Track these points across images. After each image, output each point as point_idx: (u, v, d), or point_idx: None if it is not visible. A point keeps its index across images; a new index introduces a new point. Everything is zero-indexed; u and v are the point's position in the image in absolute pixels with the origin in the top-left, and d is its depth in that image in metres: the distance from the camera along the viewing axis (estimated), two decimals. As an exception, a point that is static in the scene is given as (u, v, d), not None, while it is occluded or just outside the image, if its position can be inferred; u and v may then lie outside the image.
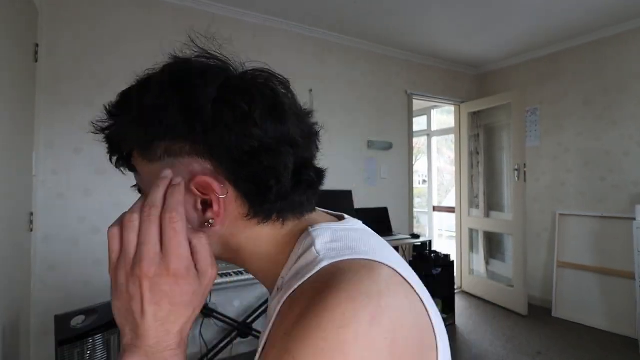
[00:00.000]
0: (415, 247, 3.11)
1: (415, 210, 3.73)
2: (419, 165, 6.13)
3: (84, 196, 2.13)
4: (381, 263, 0.33)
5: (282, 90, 0.40)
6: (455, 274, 3.35)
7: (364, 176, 3.19)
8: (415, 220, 4.29)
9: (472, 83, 4.05)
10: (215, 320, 2.34)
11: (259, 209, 0.38)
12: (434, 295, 2.89)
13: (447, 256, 3.11)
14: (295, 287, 0.33)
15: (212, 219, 0.37)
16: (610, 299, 2.88)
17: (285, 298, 0.34)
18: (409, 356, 0.29)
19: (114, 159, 0.42)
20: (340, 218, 0.44)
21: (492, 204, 3.85)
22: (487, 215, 3.82)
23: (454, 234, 4.12)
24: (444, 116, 5.19)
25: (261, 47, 2.74)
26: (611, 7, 2.66)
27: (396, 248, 3.03)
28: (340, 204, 2.88)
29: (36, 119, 2.00)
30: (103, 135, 0.41)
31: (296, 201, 0.39)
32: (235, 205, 0.37)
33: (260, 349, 0.35)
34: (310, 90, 2.90)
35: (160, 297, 0.33)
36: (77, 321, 1.58)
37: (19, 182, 1.73)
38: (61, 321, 1.51)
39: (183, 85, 0.36)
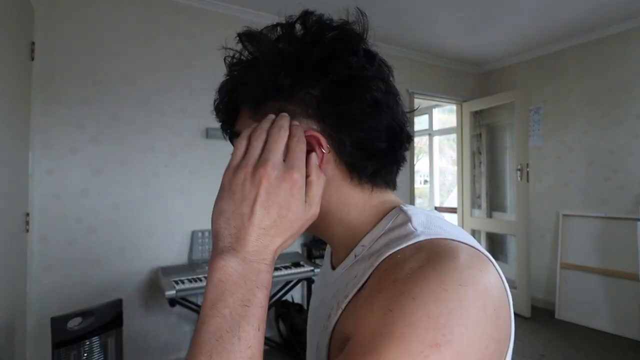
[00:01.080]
0: (416, 248, 3.10)
1: (416, 210, 3.72)
2: (420, 165, 6.12)
3: (81, 196, 2.13)
4: (477, 249, 0.36)
5: (387, 70, 0.44)
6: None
7: (365, 176, 3.19)
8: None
9: (474, 81, 4.05)
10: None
11: (355, 170, 0.41)
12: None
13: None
14: (390, 252, 0.36)
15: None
16: (614, 300, 2.88)
17: (378, 262, 0.36)
18: (504, 332, 0.32)
19: (224, 115, 0.45)
20: None
21: (495, 205, 3.85)
22: (489, 215, 3.82)
23: (456, 235, 4.11)
24: (445, 115, 5.18)
25: (260, 45, 2.74)
26: (616, 4, 2.65)
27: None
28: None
29: (32, 118, 2.00)
30: (226, 80, 0.44)
31: (387, 167, 0.43)
32: (332, 165, 0.40)
33: (338, 310, 0.37)
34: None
35: (272, 202, 0.34)
36: (74, 323, 1.58)
37: (14, 183, 1.73)
38: (57, 323, 1.51)
39: (324, 47, 0.40)
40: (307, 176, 0.37)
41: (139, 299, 2.27)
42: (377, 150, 0.41)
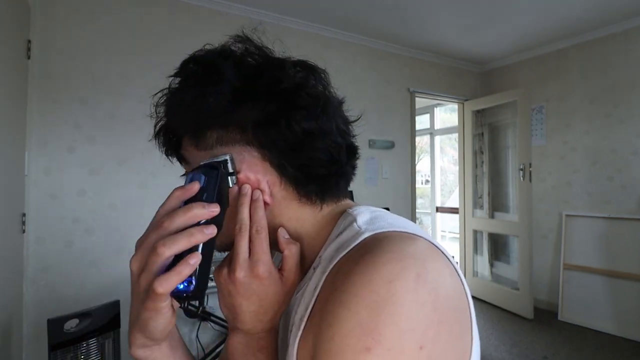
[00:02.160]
0: (417, 248, 3.10)
1: (417, 211, 3.73)
2: (422, 165, 6.13)
3: (78, 196, 2.13)
4: (420, 236, 0.37)
5: (323, 84, 0.45)
6: (458, 277, 3.35)
7: (365, 176, 3.20)
8: (417, 222, 4.29)
9: (476, 80, 4.05)
10: (212, 324, 2.34)
11: (302, 191, 0.44)
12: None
13: (450, 258, 3.11)
14: (340, 257, 0.38)
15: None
16: (618, 302, 2.88)
17: (330, 268, 0.39)
18: (450, 313, 0.33)
19: (163, 147, 0.48)
20: None
21: (497, 205, 3.85)
22: (491, 216, 3.82)
23: (458, 236, 4.12)
24: (447, 114, 5.19)
25: (270, 40, 2.74)
26: (620, 2, 2.66)
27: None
28: (340, 204, 2.89)
29: (28, 117, 2.00)
30: (156, 116, 0.46)
31: (333, 184, 0.46)
32: (279, 188, 0.44)
33: (300, 324, 0.39)
34: (310, 88, 2.90)
35: (250, 293, 0.41)
36: (71, 325, 1.58)
37: (10, 182, 1.73)
38: (54, 325, 1.51)
39: (241, 74, 0.42)
40: (281, 251, 0.43)
41: (137, 301, 2.27)
42: (318, 174, 0.43)
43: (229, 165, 0.41)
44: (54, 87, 2.08)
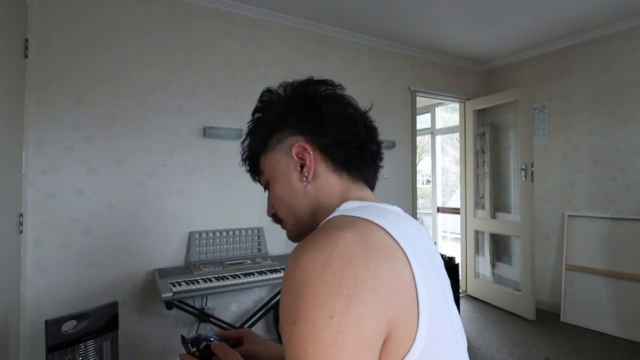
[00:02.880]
0: (418, 249, 3.10)
1: (418, 211, 3.73)
2: (423, 165, 6.12)
3: (76, 197, 2.13)
4: (377, 224, 0.46)
5: (353, 103, 0.66)
6: (460, 278, 3.35)
7: (366, 176, 3.19)
8: (419, 222, 4.29)
9: (477, 79, 4.05)
10: (211, 325, 2.34)
11: (332, 157, 0.58)
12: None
13: (451, 259, 3.11)
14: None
15: (307, 173, 0.58)
16: (621, 303, 2.88)
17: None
18: (362, 290, 0.40)
19: (253, 173, 0.67)
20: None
21: (499, 205, 3.85)
22: (493, 216, 3.82)
23: (459, 236, 4.12)
24: (448, 114, 5.19)
25: (258, 43, 2.74)
26: (623, 0, 2.65)
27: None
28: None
29: (26, 116, 2.00)
30: (242, 152, 0.67)
31: (358, 157, 0.60)
32: (321, 160, 0.58)
33: None
34: (310, 87, 2.90)
35: None
36: (69, 326, 1.58)
37: (7, 182, 1.73)
38: (52, 326, 1.51)
39: (302, 100, 0.62)
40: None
41: (135, 302, 2.27)
42: (346, 141, 0.59)
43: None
44: (52, 86, 2.08)
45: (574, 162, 3.28)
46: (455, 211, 4.44)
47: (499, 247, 3.87)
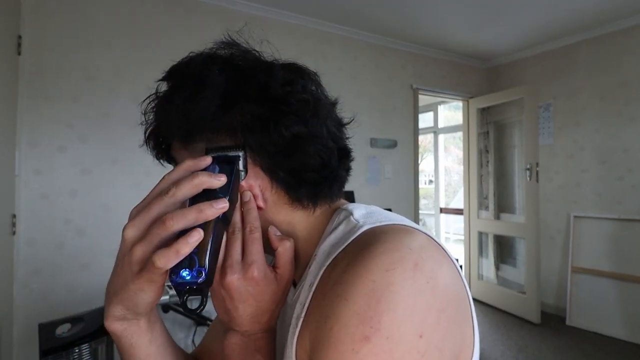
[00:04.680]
0: (421, 251, 3.10)
1: (421, 212, 3.73)
2: (425, 165, 6.13)
3: (70, 197, 2.13)
4: (418, 230, 0.39)
5: (314, 86, 0.47)
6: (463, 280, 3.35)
7: (367, 176, 3.20)
8: (421, 223, 4.29)
9: (481, 77, 4.05)
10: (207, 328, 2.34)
11: (293, 195, 0.45)
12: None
13: (454, 261, 3.11)
14: (337, 251, 0.39)
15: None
16: (628, 306, 2.88)
17: (327, 263, 0.40)
18: (449, 302, 0.35)
19: (154, 151, 0.49)
20: None
21: (503, 206, 3.85)
22: (497, 217, 3.82)
23: (462, 238, 4.12)
24: (451, 112, 5.19)
25: (258, 40, 2.74)
26: (629, -4, 2.66)
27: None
28: (341, 205, 2.89)
29: (18, 115, 2.00)
30: (145, 122, 0.47)
31: (326, 189, 0.46)
32: (270, 192, 0.45)
33: (297, 322, 0.41)
34: (310, 85, 2.90)
35: (246, 297, 0.41)
36: (63, 330, 1.58)
37: (0, 183, 1.73)
38: (45, 330, 1.51)
39: (229, 79, 0.42)
40: (274, 249, 0.43)
41: (131, 305, 2.27)
42: (309, 179, 0.44)
43: (241, 162, 0.41)
44: (45, 84, 2.08)
45: (580, 161, 3.28)
46: (459, 212, 4.44)
47: (503, 249, 3.88)
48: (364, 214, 0.43)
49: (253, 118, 0.41)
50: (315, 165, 0.44)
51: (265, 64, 0.45)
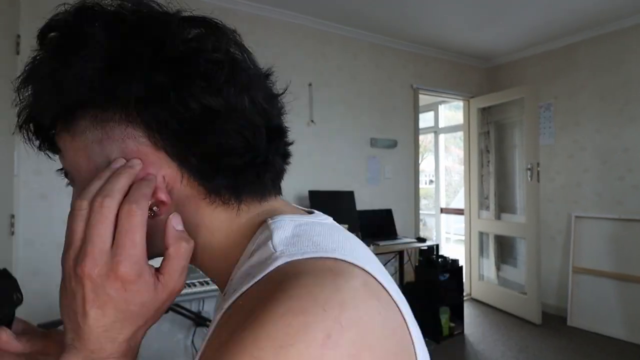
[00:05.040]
0: (421, 251, 3.11)
1: (421, 212, 3.73)
2: (426, 165, 6.13)
3: (69, 198, 2.11)
4: (352, 264, 0.29)
5: (234, 47, 0.36)
6: (464, 280, 3.35)
7: (367, 176, 3.20)
8: (421, 223, 4.29)
9: (482, 77, 4.05)
10: (207, 328, 2.34)
11: (209, 187, 0.34)
12: (441, 302, 2.92)
13: (455, 261, 3.11)
14: (242, 290, 0.29)
15: (156, 206, 0.34)
16: (629, 306, 2.88)
17: (228, 304, 0.29)
18: None
19: (36, 141, 0.39)
20: (310, 213, 0.40)
21: (504, 206, 3.85)
22: (498, 217, 3.82)
23: (463, 238, 4.12)
24: (452, 112, 5.19)
25: (257, 39, 2.75)
26: (630, -5, 2.66)
27: (401, 252, 3.05)
28: (341, 205, 2.89)
29: (17, 115, 1.99)
30: (19, 100, 0.36)
31: (253, 179, 0.36)
32: (181, 184, 0.34)
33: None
34: (310, 85, 2.90)
35: (104, 300, 0.29)
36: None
37: (-1, 183, 1.73)
38: (44, 330, 1.51)
39: (114, 36, 0.32)
40: (166, 248, 0.33)
41: (130, 305, 2.27)
42: (229, 165, 0.34)
43: None
44: (44, 83, 2.08)
45: (581, 161, 3.28)
46: (459, 212, 4.45)
47: (504, 249, 3.88)
48: (288, 237, 0.32)
49: (148, 86, 0.31)
50: (235, 147, 0.33)
51: (162, 15, 0.35)
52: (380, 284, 0.29)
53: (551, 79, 3.50)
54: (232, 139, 0.33)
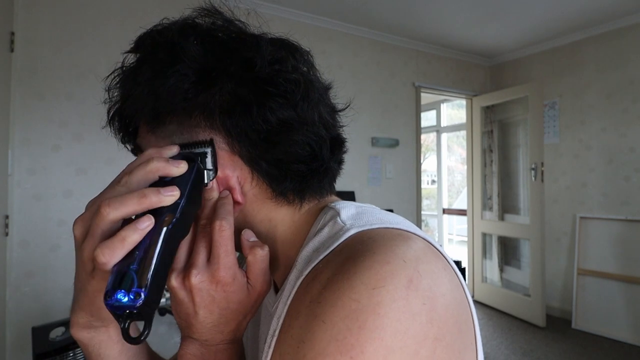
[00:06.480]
0: (423, 253, 3.10)
1: (423, 212, 3.73)
2: (428, 164, 6.14)
3: (64, 197, 2.13)
4: (415, 234, 0.34)
5: (307, 67, 0.42)
6: (466, 283, 3.35)
7: (368, 176, 3.20)
8: (423, 224, 4.29)
9: (485, 75, 4.05)
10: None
11: (277, 189, 0.40)
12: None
13: (458, 263, 3.11)
14: (318, 259, 0.34)
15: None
16: (635, 309, 2.88)
17: (306, 273, 0.35)
18: (449, 327, 0.29)
19: (119, 134, 0.45)
20: None
21: (507, 206, 3.85)
22: (501, 218, 3.82)
23: (466, 239, 4.12)
24: (454, 111, 5.20)
25: (243, 11, 2.74)
26: (637, -8, 2.66)
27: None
28: (342, 206, 2.88)
29: (11, 113, 2.00)
30: (109, 99, 0.43)
31: (316, 183, 0.42)
32: (251, 185, 0.40)
33: (271, 341, 0.35)
34: (310, 83, 2.90)
35: (208, 302, 0.36)
36: (57, 333, 1.58)
37: (-7, 183, 1.73)
38: (39, 333, 1.51)
39: (207, 52, 0.37)
40: (245, 257, 0.39)
41: (126, 308, 2.27)
42: (296, 171, 0.39)
43: (209, 159, 0.37)
44: (39, 81, 2.08)
45: (587, 161, 3.28)
46: (462, 213, 4.45)
47: (508, 251, 3.88)
48: (353, 214, 0.38)
49: (234, 99, 0.37)
50: (304, 156, 0.39)
51: (251, 37, 0.40)
52: (438, 250, 0.34)
53: (556, 76, 3.50)
54: (301, 149, 0.39)
